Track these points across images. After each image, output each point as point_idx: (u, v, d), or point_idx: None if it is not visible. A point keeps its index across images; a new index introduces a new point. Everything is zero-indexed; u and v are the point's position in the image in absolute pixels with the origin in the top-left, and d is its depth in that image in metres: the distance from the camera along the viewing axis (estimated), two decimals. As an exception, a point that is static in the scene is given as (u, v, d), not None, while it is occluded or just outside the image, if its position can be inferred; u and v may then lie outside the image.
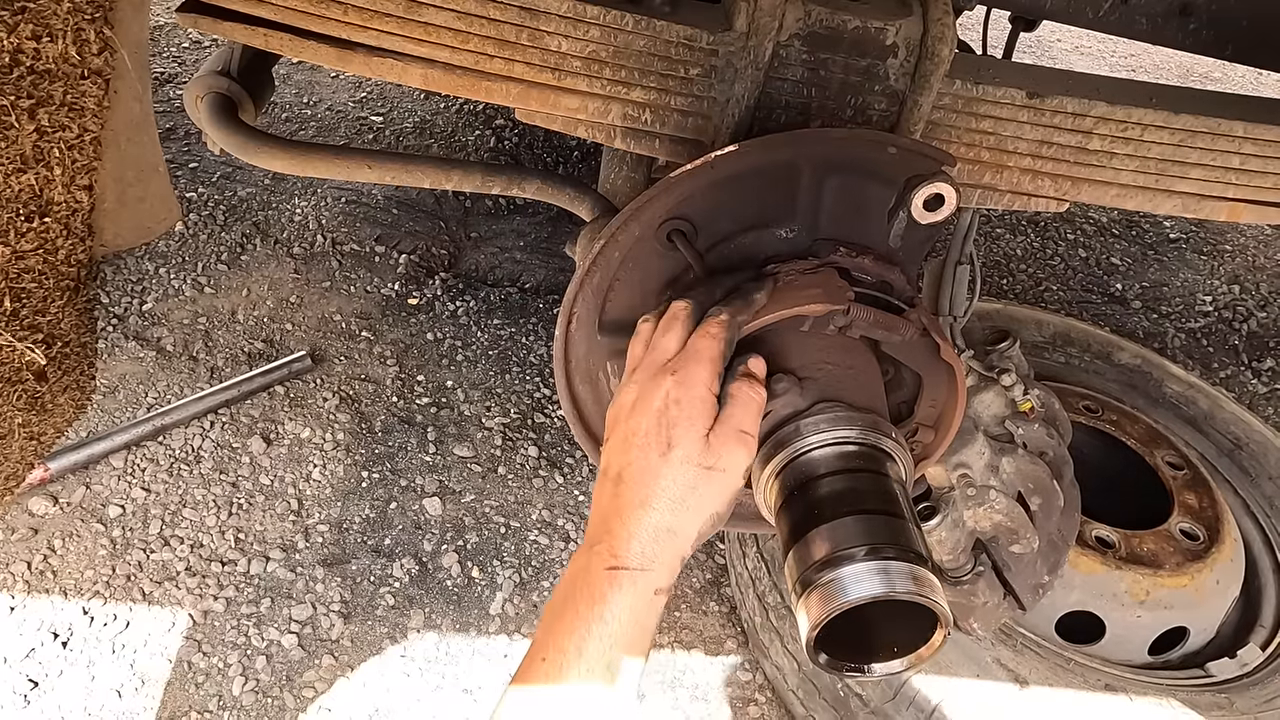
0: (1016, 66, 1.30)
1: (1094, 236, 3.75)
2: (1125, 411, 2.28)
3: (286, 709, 1.88)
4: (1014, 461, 1.27)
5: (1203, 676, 1.86)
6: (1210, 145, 1.28)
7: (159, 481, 2.26)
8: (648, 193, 1.03)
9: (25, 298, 1.15)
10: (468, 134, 3.70)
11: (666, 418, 0.87)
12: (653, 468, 0.85)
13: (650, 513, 0.84)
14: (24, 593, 1.99)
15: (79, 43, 1.07)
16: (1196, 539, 1.94)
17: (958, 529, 1.19)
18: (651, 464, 0.85)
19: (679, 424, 0.86)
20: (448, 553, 2.21)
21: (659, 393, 0.88)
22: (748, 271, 1.03)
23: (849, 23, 1.10)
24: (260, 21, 1.09)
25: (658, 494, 0.84)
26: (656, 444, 0.86)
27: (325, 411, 2.49)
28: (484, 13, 1.09)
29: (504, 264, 3.13)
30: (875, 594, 0.79)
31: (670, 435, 0.86)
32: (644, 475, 0.85)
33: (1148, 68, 5.35)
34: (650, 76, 1.14)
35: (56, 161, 1.11)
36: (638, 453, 0.86)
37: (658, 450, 0.86)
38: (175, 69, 3.79)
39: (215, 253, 2.95)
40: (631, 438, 0.87)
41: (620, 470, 0.87)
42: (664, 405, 0.87)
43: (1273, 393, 3.12)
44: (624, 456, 0.87)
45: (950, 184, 1.01)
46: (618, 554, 0.83)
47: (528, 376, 2.72)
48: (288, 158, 1.30)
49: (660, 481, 0.85)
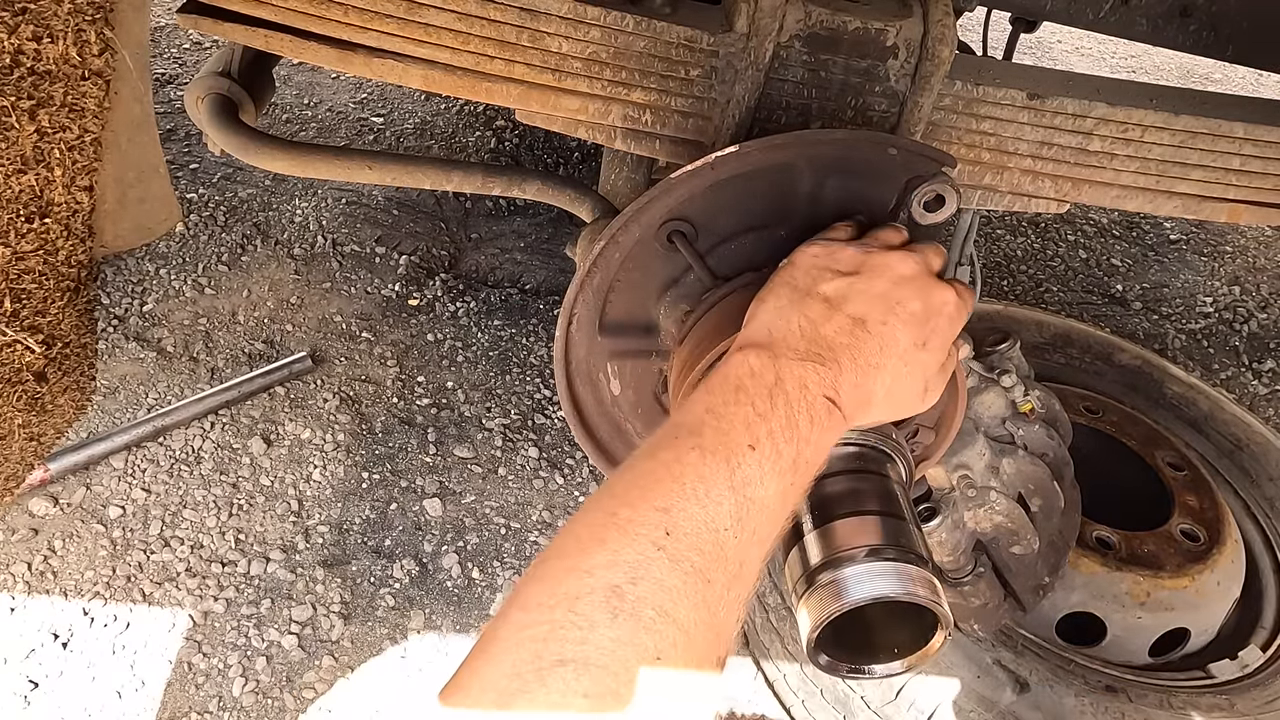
0: (1017, 67, 1.30)
1: (1094, 238, 3.75)
2: (1126, 413, 2.28)
3: (286, 710, 1.88)
4: (1014, 462, 1.27)
5: (1203, 678, 1.85)
6: (1211, 146, 1.28)
7: (159, 482, 2.26)
8: (648, 194, 1.03)
9: (25, 298, 1.15)
10: (468, 135, 3.70)
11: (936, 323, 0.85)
12: (901, 347, 0.82)
13: (879, 380, 0.81)
14: (24, 593, 1.99)
15: (80, 44, 1.07)
16: (1197, 540, 1.94)
17: (958, 530, 1.19)
18: (901, 342, 0.82)
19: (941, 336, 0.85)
20: (448, 554, 2.21)
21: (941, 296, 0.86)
22: None
23: (849, 24, 1.10)
24: (260, 23, 1.09)
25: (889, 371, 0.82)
26: (917, 331, 0.83)
27: (326, 412, 2.49)
28: (484, 14, 1.09)
29: (504, 265, 3.13)
30: (876, 595, 0.79)
31: (929, 338, 0.84)
32: (892, 345, 0.82)
33: (1148, 69, 5.36)
34: (651, 78, 1.14)
35: (57, 162, 1.11)
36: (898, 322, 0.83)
37: (915, 337, 0.83)
38: (176, 70, 3.79)
39: (216, 254, 2.95)
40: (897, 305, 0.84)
41: (866, 316, 0.82)
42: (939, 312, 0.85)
43: (1273, 394, 3.12)
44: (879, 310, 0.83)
45: (951, 185, 1.01)
46: (840, 391, 0.77)
47: (528, 377, 2.72)
48: (288, 159, 1.30)
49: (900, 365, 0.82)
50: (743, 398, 0.74)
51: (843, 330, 0.81)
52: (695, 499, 0.67)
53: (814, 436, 0.75)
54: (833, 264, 0.88)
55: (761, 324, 0.83)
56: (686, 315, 1.07)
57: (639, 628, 0.60)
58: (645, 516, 0.65)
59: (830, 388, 0.77)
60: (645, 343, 1.14)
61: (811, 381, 0.76)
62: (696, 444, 0.70)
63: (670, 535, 0.64)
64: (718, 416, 0.73)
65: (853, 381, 0.79)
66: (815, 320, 0.82)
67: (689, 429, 0.72)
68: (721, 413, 0.73)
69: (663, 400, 1.18)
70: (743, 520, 0.68)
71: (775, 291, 0.87)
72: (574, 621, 0.60)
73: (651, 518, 0.65)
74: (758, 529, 0.70)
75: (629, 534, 0.64)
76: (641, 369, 1.16)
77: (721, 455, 0.69)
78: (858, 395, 0.79)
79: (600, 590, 0.61)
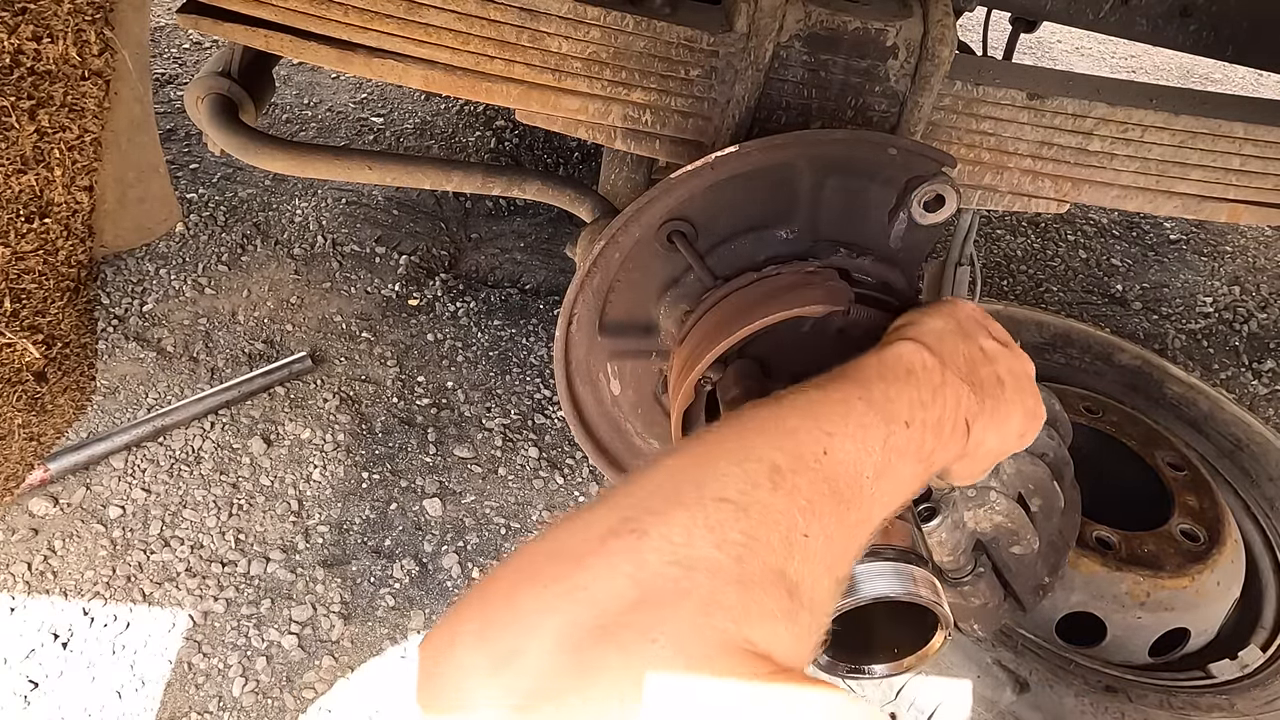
0: (1017, 68, 1.30)
1: (1094, 238, 3.75)
2: (1126, 413, 2.28)
3: (286, 710, 1.88)
4: (1014, 462, 1.27)
5: (1203, 678, 1.85)
6: (1211, 146, 1.28)
7: (159, 482, 2.26)
8: (648, 194, 1.03)
9: (25, 298, 1.15)
10: (468, 135, 3.70)
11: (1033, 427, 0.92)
12: (1013, 425, 0.89)
13: (992, 437, 0.87)
14: (24, 593, 1.99)
15: (79, 44, 1.07)
16: (1197, 540, 1.94)
17: (958, 530, 1.18)
18: (1015, 423, 0.89)
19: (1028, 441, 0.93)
20: (448, 554, 2.21)
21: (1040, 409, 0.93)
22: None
23: (849, 24, 1.10)
24: (261, 23, 1.09)
25: (998, 435, 0.87)
26: (1026, 424, 0.91)
27: (326, 412, 2.49)
28: (484, 14, 1.09)
29: (504, 265, 3.13)
30: (876, 595, 0.79)
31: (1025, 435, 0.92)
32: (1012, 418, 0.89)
33: (1148, 69, 5.35)
34: (651, 78, 1.14)
35: (57, 162, 1.11)
36: (1022, 405, 0.90)
37: (1021, 428, 0.90)
38: (176, 70, 3.79)
39: (216, 254, 2.95)
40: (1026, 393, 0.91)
41: (1006, 384, 0.89)
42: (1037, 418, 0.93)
43: (1273, 394, 3.11)
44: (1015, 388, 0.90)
45: (950, 185, 1.01)
46: (974, 424, 0.84)
47: (528, 377, 2.72)
48: (288, 159, 1.30)
49: (1003, 439, 0.88)
50: (912, 383, 0.80)
51: (991, 382, 0.87)
52: (853, 439, 0.72)
53: (949, 447, 0.81)
54: (990, 328, 0.94)
55: (931, 330, 0.88)
56: (686, 315, 1.07)
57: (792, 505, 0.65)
58: (811, 433, 0.70)
59: (973, 416, 0.84)
60: (645, 343, 1.14)
61: (964, 402, 0.83)
62: (865, 397, 0.76)
63: (828, 455, 0.70)
64: (887, 385, 0.79)
65: (983, 424, 0.85)
66: (974, 360, 0.88)
67: (859, 383, 0.78)
68: (891, 383, 0.79)
69: (663, 400, 1.18)
70: (880, 479, 0.73)
71: (942, 315, 0.92)
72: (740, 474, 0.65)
73: (816, 435, 0.70)
74: (887, 497, 0.74)
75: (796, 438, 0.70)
76: (641, 369, 1.17)
77: (883, 417, 0.75)
78: (978, 436, 0.85)
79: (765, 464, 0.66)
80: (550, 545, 0.62)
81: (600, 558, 0.59)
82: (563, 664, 0.54)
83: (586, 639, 0.55)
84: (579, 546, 0.60)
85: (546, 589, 0.58)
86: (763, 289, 1.03)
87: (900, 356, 0.83)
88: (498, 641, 0.56)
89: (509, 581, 0.60)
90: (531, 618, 0.56)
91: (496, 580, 0.61)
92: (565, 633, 0.55)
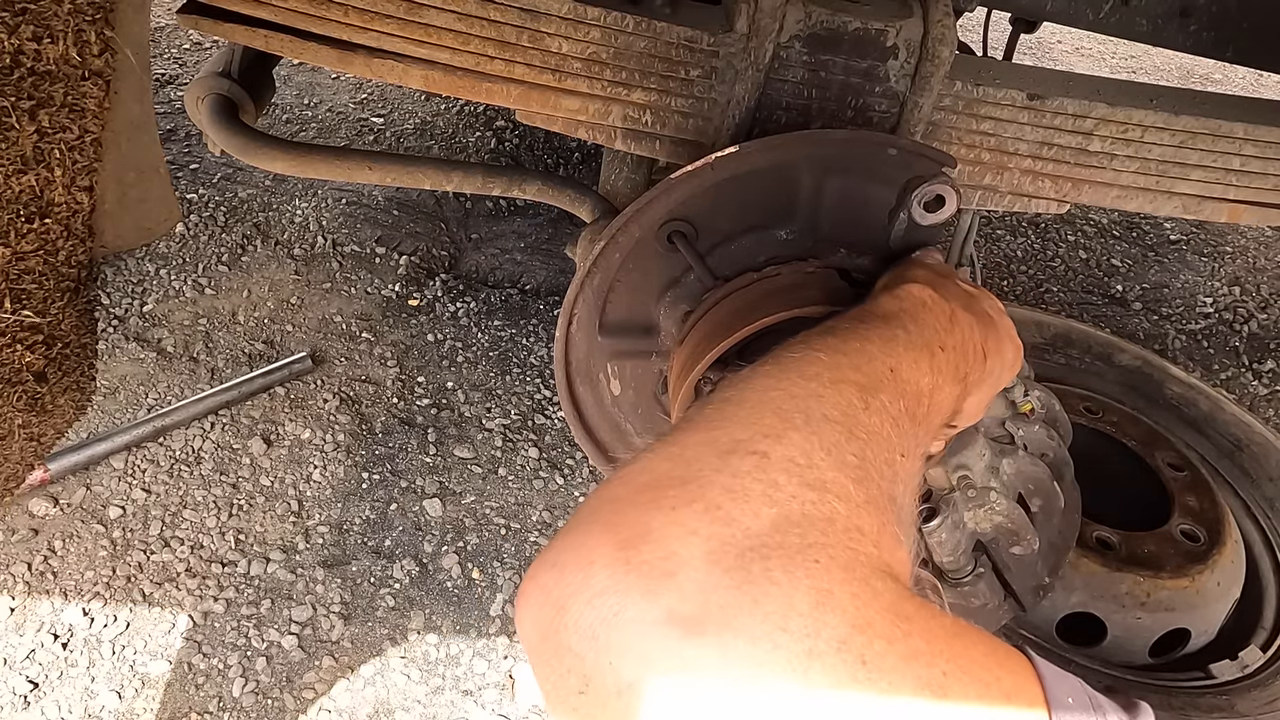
0: (1017, 68, 1.30)
1: (1094, 238, 3.75)
2: (1126, 413, 2.28)
3: (286, 710, 1.88)
4: (1014, 463, 1.27)
5: (1203, 678, 1.85)
6: (1211, 147, 1.28)
7: (159, 483, 2.26)
8: (648, 194, 1.03)
9: (25, 299, 1.15)
10: (468, 135, 3.70)
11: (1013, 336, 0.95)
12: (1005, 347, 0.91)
13: (997, 363, 0.89)
14: (24, 594, 1.99)
15: (80, 44, 1.07)
16: (1197, 540, 1.93)
17: (958, 531, 1.18)
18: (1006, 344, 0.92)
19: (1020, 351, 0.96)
20: (448, 554, 2.21)
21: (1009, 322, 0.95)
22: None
23: (849, 24, 1.10)
24: (261, 23, 1.09)
25: (998, 362, 0.90)
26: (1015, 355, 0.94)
27: (326, 413, 2.49)
28: (484, 14, 1.09)
29: (504, 265, 3.13)
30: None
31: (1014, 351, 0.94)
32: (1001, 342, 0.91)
33: (1148, 69, 5.36)
34: (651, 78, 1.14)
35: (57, 163, 1.11)
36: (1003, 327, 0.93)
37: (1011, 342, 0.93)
38: (176, 70, 3.79)
39: (216, 254, 2.95)
40: (1007, 323, 0.94)
41: (994, 317, 0.91)
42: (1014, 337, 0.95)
43: (1273, 394, 3.11)
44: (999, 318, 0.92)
45: (951, 185, 1.01)
46: (988, 349, 0.86)
47: (528, 378, 2.72)
48: (288, 159, 1.30)
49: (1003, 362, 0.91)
50: (927, 313, 0.81)
51: (983, 315, 0.90)
52: (908, 362, 0.73)
53: (975, 369, 0.83)
54: (958, 275, 0.96)
55: (923, 275, 0.89)
56: (686, 315, 1.07)
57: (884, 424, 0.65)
58: (874, 355, 0.71)
59: (984, 342, 0.86)
60: (645, 343, 1.14)
61: (976, 330, 0.85)
62: (903, 327, 0.77)
63: (894, 373, 0.70)
64: (911, 318, 0.79)
65: (993, 347, 0.87)
66: (962, 298, 0.89)
67: (885, 319, 0.79)
68: (915, 315, 0.80)
69: (663, 400, 1.18)
70: (935, 395, 0.74)
71: (922, 265, 0.94)
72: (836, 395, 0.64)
73: (881, 356, 0.71)
74: (939, 418, 0.76)
75: (867, 356, 0.70)
76: (641, 369, 1.16)
77: (923, 342, 0.76)
78: (991, 363, 0.86)
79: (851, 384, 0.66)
80: (659, 470, 0.56)
81: (728, 477, 0.54)
82: (725, 584, 0.48)
83: (744, 559, 0.49)
84: (697, 469, 0.55)
85: (676, 510, 0.52)
86: (763, 289, 1.03)
87: (910, 293, 0.84)
88: (647, 565, 0.49)
89: (631, 504, 0.53)
90: (673, 541, 0.50)
91: (615, 505, 0.54)
92: (717, 554, 0.49)
